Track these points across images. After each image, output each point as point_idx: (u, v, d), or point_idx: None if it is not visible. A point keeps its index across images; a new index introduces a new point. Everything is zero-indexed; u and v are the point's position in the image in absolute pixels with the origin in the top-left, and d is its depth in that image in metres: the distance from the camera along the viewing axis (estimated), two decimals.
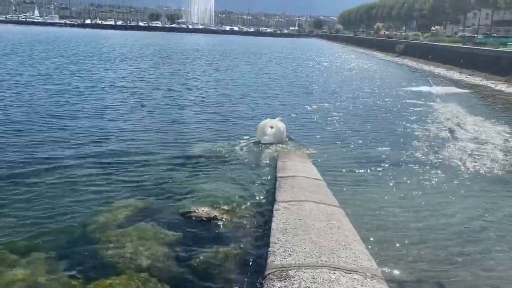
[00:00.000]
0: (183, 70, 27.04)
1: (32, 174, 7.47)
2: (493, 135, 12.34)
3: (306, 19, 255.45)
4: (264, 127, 10.03)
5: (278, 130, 10.04)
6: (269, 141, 9.92)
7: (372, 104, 17.30)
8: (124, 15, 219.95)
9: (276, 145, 9.87)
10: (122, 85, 18.51)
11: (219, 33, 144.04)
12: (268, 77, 25.23)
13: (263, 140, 9.95)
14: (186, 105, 15.05)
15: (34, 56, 31.21)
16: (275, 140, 9.99)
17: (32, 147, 9.04)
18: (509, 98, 20.92)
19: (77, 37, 69.08)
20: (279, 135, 10.06)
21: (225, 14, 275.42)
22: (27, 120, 11.52)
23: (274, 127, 10.03)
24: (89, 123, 11.51)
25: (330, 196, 6.15)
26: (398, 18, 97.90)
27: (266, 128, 10.00)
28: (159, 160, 8.75)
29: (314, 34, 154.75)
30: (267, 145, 9.83)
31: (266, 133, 9.98)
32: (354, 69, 34.75)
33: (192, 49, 52.75)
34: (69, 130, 10.58)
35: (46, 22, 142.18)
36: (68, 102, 14.27)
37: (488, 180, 8.53)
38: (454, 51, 37.38)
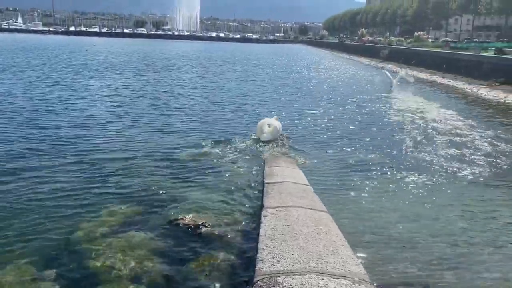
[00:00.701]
0: (168, 77, 26.90)
1: (16, 185, 7.35)
2: (469, 133, 12.56)
3: (292, 25, 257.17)
4: (262, 126, 10.87)
5: (275, 128, 10.88)
6: (268, 138, 10.71)
7: (357, 108, 17.44)
8: (109, 22, 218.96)
9: (272, 143, 10.65)
10: (106, 94, 18.21)
11: (204, 39, 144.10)
12: (255, 84, 25.27)
13: (262, 137, 10.72)
14: (172, 112, 14.95)
15: (15, 64, 30.71)
16: (272, 137, 10.82)
17: (15, 157, 8.89)
18: (490, 103, 21.31)
19: (61, 44, 68.32)
20: (276, 133, 10.93)
21: (211, 20, 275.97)
22: (7, 130, 11.24)
23: (271, 125, 10.86)
24: (73, 132, 11.31)
25: (317, 201, 6.17)
26: (382, 24, 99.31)
27: (264, 126, 10.84)
28: (145, 168, 8.69)
29: (300, 40, 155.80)
30: (265, 143, 10.56)
31: (264, 131, 10.77)
32: (339, 74, 35.01)
33: (178, 55, 52.62)
34: (52, 140, 10.38)
35: (29, 30, 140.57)
36: (51, 112, 13.94)
37: (473, 183, 8.66)
38: (437, 56, 37.98)
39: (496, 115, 17.66)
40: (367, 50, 61.87)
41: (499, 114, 17.79)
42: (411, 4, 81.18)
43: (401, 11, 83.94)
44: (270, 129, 10.84)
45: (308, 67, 42.53)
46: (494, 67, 27.07)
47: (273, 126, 10.90)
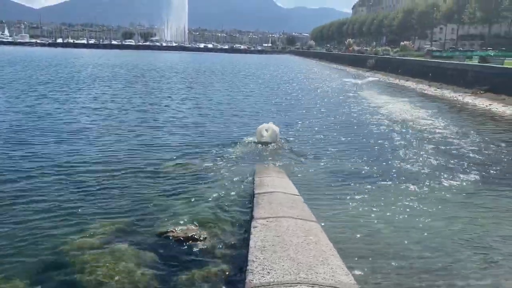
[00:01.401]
0: (156, 88, 26.83)
1: (2, 199, 7.26)
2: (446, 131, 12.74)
3: (279, 36, 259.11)
4: (261, 130, 11.87)
5: (273, 132, 11.89)
6: (267, 140, 11.75)
7: (346, 118, 17.57)
8: (97, 33, 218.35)
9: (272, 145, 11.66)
10: (93, 107, 17.99)
11: (193, 50, 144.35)
12: (244, 95, 25.33)
13: (262, 140, 11.76)
14: (160, 124, 14.87)
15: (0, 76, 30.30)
16: (271, 140, 11.81)
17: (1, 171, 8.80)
18: (475, 111, 21.65)
19: (48, 56, 67.72)
20: (274, 136, 11.90)
21: (199, 31, 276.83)
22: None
23: (269, 129, 11.86)
24: (59, 146, 11.13)
25: (307, 211, 6.19)
26: (368, 34, 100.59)
27: (263, 130, 11.83)
28: (134, 180, 8.64)
29: (288, 50, 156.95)
30: (265, 144, 11.61)
31: (263, 135, 11.78)
32: (328, 84, 35.27)
33: (166, 67, 52.58)
34: (37, 155, 10.21)
35: (16, 42, 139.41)
36: (36, 126, 13.54)
37: (460, 191, 8.76)
38: (423, 65, 38.54)
39: (482, 122, 17.93)
40: (354, 60, 62.55)
41: (485, 122, 18.08)
42: (397, 14, 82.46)
43: (387, 21, 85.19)
44: (269, 133, 11.79)
45: (295, 77, 42.80)
46: (478, 76, 27.56)
47: (271, 130, 11.86)
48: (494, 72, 26.28)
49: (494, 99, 23.09)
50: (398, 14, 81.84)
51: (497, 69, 26.45)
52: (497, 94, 23.67)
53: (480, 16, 58.85)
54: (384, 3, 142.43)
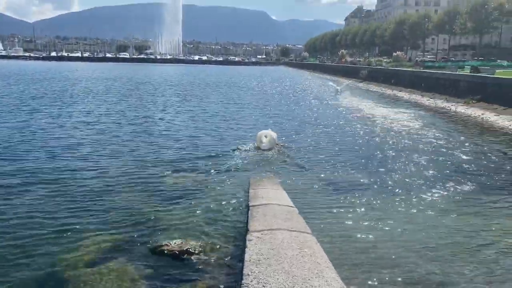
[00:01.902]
0: (151, 102, 26.81)
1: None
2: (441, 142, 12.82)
3: (273, 48, 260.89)
4: (261, 136, 12.78)
5: (272, 138, 12.80)
6: (266, 146, 12.57)
7: (340, 127, 17.63)
8: (91, 47, 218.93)
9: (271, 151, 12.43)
10: (87, 121, 17.81)
11: (187, 62, 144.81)
12: (239, 107, 25.36)
13: (261, 146, 12.57)
14: (154, 137, 14.80)
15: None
16: (270, 145, 12.66)
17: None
18: (468, 120, 21.83)
19: (41, 70, 67.49)
20: (273, 142, 12.82)
21: (193, 44, 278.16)
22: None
23: (268, 135, 12.78)
24: (53, 160, 11.05)
25: (302, 223, 6.19)
26: (361, 45, 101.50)
27: (262, 137, 12.75)
28: (128, 194, 8.62)
29: (282, 62, 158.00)
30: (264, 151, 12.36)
31: (262, 141, 12.65)
32: (321, 94, 35.45)
33: (160, 79, 52.66)
34: (30, 168, 10.16)
35: (9, 55, 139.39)
36: (29, 141, 13.31)
37: (455, 200, 8.79)
38: (415, 75, 38.88)
39: (475, 132, 18.06)
40: (347, 71, 63.01)
41: (478, 131, 18.21)
42: (389, 25, 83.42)
43: (380, 32, 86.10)
44: (267, 139, 12.71)
45: (289, 88, 42.97)
46: (470, 85, 27.83)
47: (270, 136, 12.80)
48: (486, 82, 26.56)
49: (487, 108, 23.31)
50: (390, 25, 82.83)
51: (489, 79, 26.73)
52: (489, 104, 23.90)
53: (471, 27, 59.74)
54: (376, 14, 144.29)
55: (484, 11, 55.55)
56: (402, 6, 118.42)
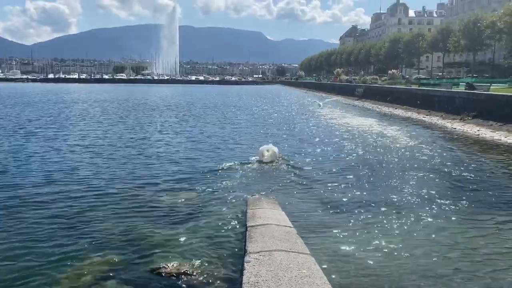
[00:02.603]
0: (148, 123, 26.85)
1: None
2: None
3: (269, 67, 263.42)
4: (263, 151, 13.64)
5: (273, 152, 13.69)
6: (268, 160, 13.39)
7: (337, 144, 17.63)
8: (88, 68, 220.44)
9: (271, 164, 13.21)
10: (83, 144, 17.48)
11: (184, 83, 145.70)
12: (236, 126, 25.38)
13: (263, 159, 13.40)
14: (151, 159, 14.71)
15: None
16: (271, 159, 13.48)
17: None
18: (465, 136, 21.93)
19: (38, 92, 67.49)
20: (274, 156, 13.65)
21: (190, 64, 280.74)
22: None
23: (270, 150, 13.68)
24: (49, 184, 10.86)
25: (300, 244, 6.14)
26: (356, 63, 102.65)
27: (264, 151, 13.59)
28: (125, 215, 8.56)
29: (278, 81, 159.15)
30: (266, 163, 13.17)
31: (264, 154, 13.48)
32: (319, 113, 35.58)
33: (158, 100, 52.83)
34: (25, 192, 10.05)
35: (7, 78, 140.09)
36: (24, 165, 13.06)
37: (453, 218, 8.75)
38: (411, 92, 39.20)
39: (472, 148, 18.10)
40: (343, 89, 63.47)
41: (475, 148, 18.25)
42: (383, 44, 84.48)
43: (374, 51, 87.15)
44: (269, 153, 13.55)
45: (287, 106, 43.13)
46: (466, 102, 28.05)
47: (272, 150, 13.71)
48: (481, 98, 26.78)
49: (482, 124, 23.44)
50: (384, 43, 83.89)
51: (484, 96, 26.96)
52: (485, 120, 24.05)
53: (464, 44, 60.51)
54: (370, 34, 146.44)
55: (477, 29, 56.37)
56: (395, 25, 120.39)
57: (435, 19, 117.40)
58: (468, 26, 58.23)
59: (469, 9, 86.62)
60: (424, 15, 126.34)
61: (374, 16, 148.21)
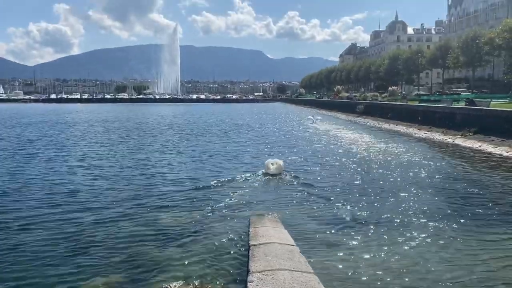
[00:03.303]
0: (149, 143, 26.83)
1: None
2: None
3: (270, 85, 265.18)
4: (268, 164, 14.69)
5: (279, 165, 14.67)
6: (274, 172, 14.36)
7: (340, 159, 17.60)
8: (90, 88, 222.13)
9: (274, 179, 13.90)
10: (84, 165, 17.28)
11: (186, 101, 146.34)
12: (238, 145, 25.37)
13: (270, 172, 14.35)
14: (154, 179, 14.65)
15: None
16: (277, 171, 14.43)
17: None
18: (467, 152, 21.90)
19: (40, 112, 67.62)
20: (280, 169, 14.59)
21: (191, 83, 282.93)
22: None
23: (275, 163, 14.67)
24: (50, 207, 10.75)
25: (304, 262, 6.08)
26: (356, 80, 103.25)
27: (269, 164, 14.64)
28: (127, 234, 8.53)
29: (278, 98, 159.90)
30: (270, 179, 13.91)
31: (270, 168, 14.48)
32: (320, 130, 35.63)
33: (159, 119, 52.96)
34: (27, 214, 10.00)
35: (10, 99, 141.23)
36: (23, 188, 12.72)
37: (458, 235, 8.67)
38: (412, 109, 39.29)
39: (475, 164, 18.04)
40: (344, 106, 63.68)
41: (478, 163, 18.19)
42: (383, 61, 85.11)
43: (374, 68, 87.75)
44: (275, 166, 14.52)
45: (288, 123, 43.22)
46: (466, 118, 28.08)
47: (277, 164, 14.66)
48: (482, 114, 26.82)
49: (484, 140, 23.42)
50: (384, 60, 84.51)
51: (484, 111, 27.01)
52: (486, 136, 24.03)
53: (463, 61, 60.94)
54: (369, 51, 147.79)
55: (475, 45, 56.84)
56: (394, 43, 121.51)
57: (434, 36, 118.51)
58: (467, 42, 58.74)
59: (467, 26, 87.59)
60: (422, 32, 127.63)
61: (373, 34, 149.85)
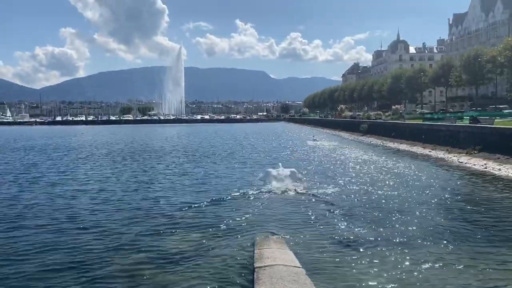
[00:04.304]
0: (153, 165, 26.73)
1: None
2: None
3: (273, 105, 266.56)
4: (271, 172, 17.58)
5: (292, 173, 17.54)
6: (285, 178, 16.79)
7: (345, 182, 17.52)
8: (95, 110, 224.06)
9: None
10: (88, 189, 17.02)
11: (190, 122, 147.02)
12: (245, 165, 25.27)
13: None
14: (158, 199, 14.70)
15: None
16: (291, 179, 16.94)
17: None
18: (473, 171, 21.80)
19: (44, 135, 67.54)
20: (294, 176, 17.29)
21: (196, 104, 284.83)
22: None
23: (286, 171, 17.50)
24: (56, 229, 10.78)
25: (309, 285, 6.04)
26: (359, 99, 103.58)
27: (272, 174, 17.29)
28: (131, 257, 8.51)
29: (282, 118, 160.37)
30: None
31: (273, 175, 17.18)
32: (326, 149, 35.62)
33: (163, 141, 53.02)
34: (34, 238, 10.02)
35: (16, 122, 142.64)
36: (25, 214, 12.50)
37: (467, 254, 8.60)
38: (416, 127, 39.29)
39: (481, 182, 17.95)
40: (348, 125, 63.79)
41: (484, 182, 18.10)
42: (386, 80, 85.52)
43: (377, 87, 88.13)
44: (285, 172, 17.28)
45: (294, 143, 43.22)
46: (471, 136, 28.03)
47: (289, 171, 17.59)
48: (486, 132, 26.78)
49: (489, 158, 23.33)
50: (387, 80, 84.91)
51: (489, 129, 26.97)
52: (491, 153, 23.94)
53: (466, 79, 61.13)
54: (372, 70, 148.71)
55: (478, 63, 57.09)
56: (397, 62, 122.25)
57: (436, 55, 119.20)
58: (469, 61, 58.99)
59: (468, 45, 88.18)
60: (424, 51, 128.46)
61: (375, 53, 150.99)
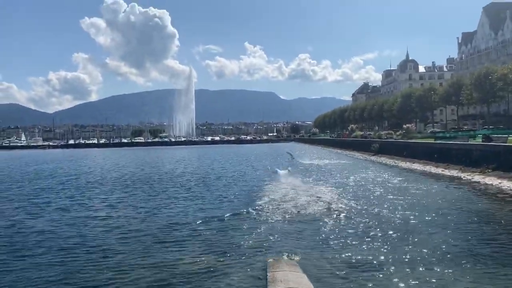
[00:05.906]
0: (163, 189, 26.60)
1: None
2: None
3: (283, 125, 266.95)
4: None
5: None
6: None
7: (357, 203, 17.37)
8: (107, 133, 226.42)
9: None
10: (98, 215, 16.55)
11: (201, 144, 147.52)
12: (255, 190, 25.27)
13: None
14: (169, 222, 14.73)
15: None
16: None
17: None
18: (487, 190, 21.48)
19: (56, 159, 67.71)
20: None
21: (206, 125, 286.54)
22: None
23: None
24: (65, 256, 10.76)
25: None
26: (369, 119, 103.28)
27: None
28: (142, 280, 8.47)
29: (292, 138, 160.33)
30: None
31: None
32: (339, 168, 35.40)
33: (174, 164, 53.19)
34: (43, 265, 10.04)
35: (29, 145, 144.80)
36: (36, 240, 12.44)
37: (480, 275, 8.42)
38: (428, 146, 38.97)
39: (496, 202, 17.66)
40: (359, 145, 63.51)
41: (500, 201, 17.81)
42: (396, 99, 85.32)
43: (387, 106, 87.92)
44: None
45: (301, 164, 43.08)
46: (484, 154, 27.68)
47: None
48: (499, 150, 26.44)
49: (504, 177, 22.97)
50: (397, 99, 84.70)
51: (502, 147, 26.62)
52: (505, 172, 23.58)
53: (477, 97, 60.74)
54: (382, 90, 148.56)
55: (488, 81, 56.78)
56: (406, 81, 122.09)
57: (446, 74, 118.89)
58: (480, 79, 58.74)
59: (478, 63, 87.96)
60: (434, 70, 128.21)
61: (384, 73, 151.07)
